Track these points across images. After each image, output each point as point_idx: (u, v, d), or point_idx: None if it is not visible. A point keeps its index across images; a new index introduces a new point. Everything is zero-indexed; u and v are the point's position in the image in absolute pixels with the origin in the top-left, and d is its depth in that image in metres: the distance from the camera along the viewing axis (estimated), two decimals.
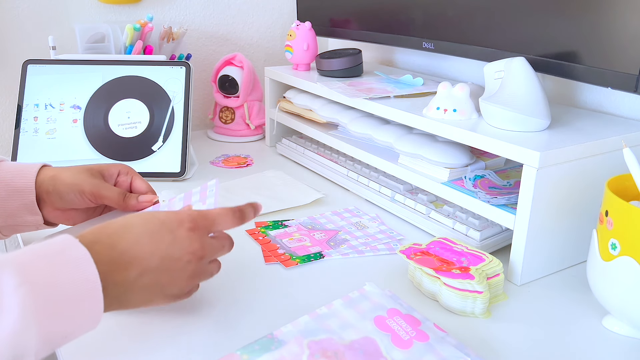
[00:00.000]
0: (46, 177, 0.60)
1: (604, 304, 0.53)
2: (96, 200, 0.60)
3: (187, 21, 1.19)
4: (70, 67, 0.94)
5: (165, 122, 0.92)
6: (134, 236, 0.46)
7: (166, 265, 0.47)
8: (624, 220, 0.48)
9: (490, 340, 0.53)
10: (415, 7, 0.92)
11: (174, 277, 0.48)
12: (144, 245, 0.46)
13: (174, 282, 0.48)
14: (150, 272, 0.46)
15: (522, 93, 0.66)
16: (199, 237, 0.49)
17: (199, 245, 0.49)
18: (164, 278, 0.47)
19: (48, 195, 0.59)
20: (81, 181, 0.59)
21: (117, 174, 0.63)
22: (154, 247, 0.46)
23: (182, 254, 0.48)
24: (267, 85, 1.08)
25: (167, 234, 0.47)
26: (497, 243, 0.68)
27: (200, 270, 0.50)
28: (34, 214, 0.60)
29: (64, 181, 0.59)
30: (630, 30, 0.61)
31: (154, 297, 0.48)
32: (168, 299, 0.49)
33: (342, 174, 0.89)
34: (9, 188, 0.59)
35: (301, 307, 0.56)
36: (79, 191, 0.59)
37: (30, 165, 0.61)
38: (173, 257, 0.47)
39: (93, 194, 0.59)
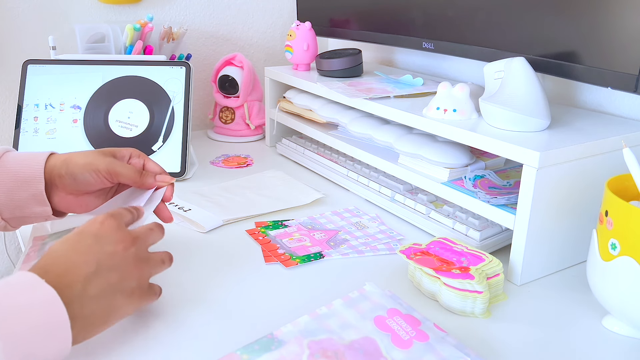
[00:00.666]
0: (57, 162, 0.59)
1: (604, 304, 0.53)
2: (112, 178, 0.59)
3: (187, 21, 1.19)
4: (70, 67, 0.94)
5: (165, 122, 0.92)
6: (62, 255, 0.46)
7: (106, 264, 0.46)
8: (624, 220, 0.49)
9: (490, 340, 0.53)
10: (415, 7, 0.92)
11: (121, 271, 0.47)
12: (75, 257, 0.46)
13: (124, 276, 0.47)
14: (94, 278, 0.45)
15: (522, 93, 0.66)
16: (118, 225, 0.49)
17: (123, 232, 0.49)
18: (111, 276, 0.46)
19: (61, 179, 0.58)
20: (95, 160, 0.58)
21: (128, 156, 0.63)
22: (84, 254, 0.46)
23: (113, 244, 0.47)
24: (267, 85, 1.08)
25: (89, 237, 0.47)
26: (497, 243, 0.68)
27: (143, 256, 0.50)
28: (43, 204, 0.59)
29: (77, 162, 0.58)
30: (630, 30, 0.61)
31: (114, 301, 0.46)
32: (131, 299, 0.48)
33: (342, 174, 0.89)
34: (17, 178, 0.58)
35: (301, 307, 0.56)
36: (94, 170, 0.58)
37: (37, 153, 0.60)
38: (107, 252, 0.47)
39: (109, 171, 0.58)
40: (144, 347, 0.50)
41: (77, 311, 0.43)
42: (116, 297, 0.47)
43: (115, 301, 0.46)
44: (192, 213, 0.75)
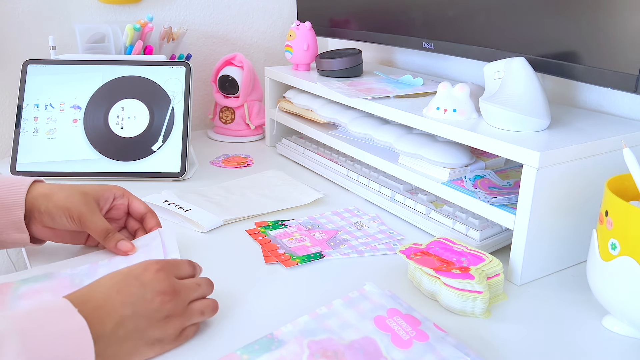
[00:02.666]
0: (39, 195, 0.59)
1: (604, 304, 0.53)
2: (82, 228, 0.60)
3: (187, 21, 1.19)
4: (70, 67, 0.94)
5: (165, 122, 0.92)
6: (103, 291, 0.46)
7: (140, 311, 0.46)
8: (624, 220, 0.48)
9: (490, 340, 0.53)
10: (415, 7, 0.92)
11: (151, 320, 0.47)
12: (114, 296, 0.46)
13: (153, 325, 0.47)
14: (127, 321, 0.45)
15: (522, 93, 0.66)
16: (166, 276, 0.49)
17: (168, 284, 0.48)
18: (141, 323, 0.46)
19: (39, 214, 0.59)
20: (72, 205, 0.59)
21: (112, 198, 0.64)
22: (123, 296, 0.46)
23: (153, 295, 0.47)
24: (267, 85, 1.08)
25: (134, 281, 0.47)
26: (497, 243, 0.68)
27: (179, 310, 0.49)
28: (21, 231, 0.59)
29: (56, 203, 0.59)
30: (630, 30, 0.61)
31: (136, 347, 0.46)
32: (153, 346, 0.47)
33: (342, 174, 0.89)
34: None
35: (301, 307, 0.56)
36: (69, 215, 0.59)
37: (21, 179, 0.60)
38: (145, 300, 0.47)
39: (80, 222, 0.60)
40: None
41: (102, 349, 0.43)
42: (139, 343, 0.46)
43: (137, 347, 0.46)
44: (192, 213, 0.75)
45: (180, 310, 0.49)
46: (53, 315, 0.42)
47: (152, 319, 0.47)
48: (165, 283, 0.48)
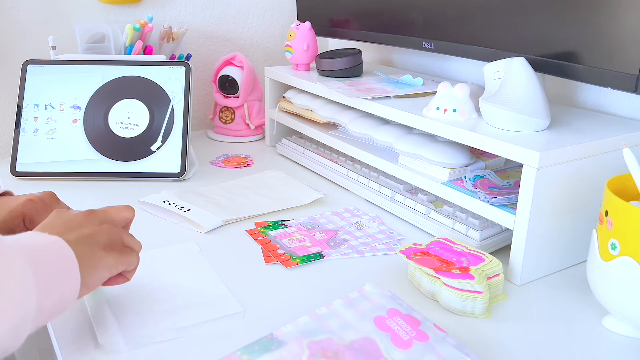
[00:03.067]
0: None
1: (603, 304, 0.53)
2: None
3: (187, 21, 1.19)
4: (70, 67, 0.94)
5: (165, 122, 0.92)
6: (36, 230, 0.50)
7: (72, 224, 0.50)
8: (624, 220, 0.48)
9: (490, 340, 0.53)
10: (415, 7, 0.92)
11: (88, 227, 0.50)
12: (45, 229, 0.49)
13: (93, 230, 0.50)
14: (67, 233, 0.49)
15: (522, 93, 0.66)
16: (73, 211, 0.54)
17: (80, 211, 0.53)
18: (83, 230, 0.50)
19: None
20: None
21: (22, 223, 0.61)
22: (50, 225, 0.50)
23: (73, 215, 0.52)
24: (267, 85, 1.08)
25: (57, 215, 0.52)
26: (497, 243, 0.68)
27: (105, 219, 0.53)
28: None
29: None
30: (630, 30, 0.61)
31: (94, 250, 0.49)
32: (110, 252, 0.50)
33: (342, 174, 0.89)
34: None
35: (301, 307, 0.56)
36: None
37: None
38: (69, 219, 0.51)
39: None
40: (144, 349, 0.50)
41: None
42: (94, 247, 0.49)
43: (95, 250, 0.49)
44: (191, 213, 0.75)
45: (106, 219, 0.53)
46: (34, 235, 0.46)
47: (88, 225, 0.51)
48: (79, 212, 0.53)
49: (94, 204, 0.79)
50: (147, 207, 0.79)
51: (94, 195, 0.84)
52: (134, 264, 0.53)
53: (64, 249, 0.46)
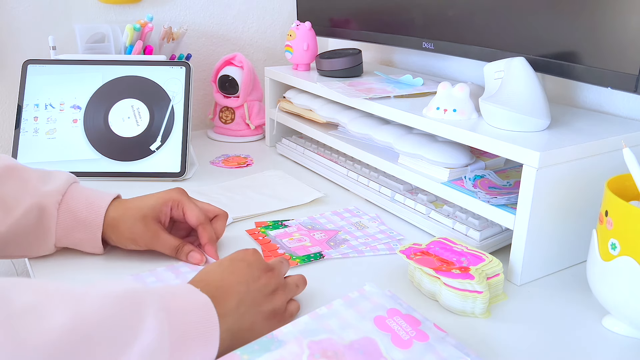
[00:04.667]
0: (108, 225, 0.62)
1: (604, 304, 0.53)
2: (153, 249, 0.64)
3: (187, 21, 1.19)
4: (70, 67, 0.94)
5: (165, 122, 0.92)
6: (219, 274, 0.51)
7: (253, 287, 0.51)
8: (624, 220, 0.48)
9: (490, 340, 0.53)
10: (415, 7, 0.92)
11: (263, 294, 0.51)
12: (229, 277, 0.51)
13: (265, 299, 0.51)
14: (245, 297, 0.50)
15: (522, 93, 0.66)
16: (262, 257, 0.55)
17: (267, 262, 0.55)
18: (257, 298, 0.51)
19: (109, 239, 0.63)
20: (136, 236, 0.63)
21: (169, 210, 0.65)
22: (237, 276, 0.51)
23: (260, 272, 0.52)
24: (267, 85, 1.08)
25: (241, 263, 0.53)
26: (497, 243, 0.68)
27: (281, 284, 0.54)
28: (96, 247, 0.64)
29: (122, 234, 0.63)
30: (630, 30, 0.61)
31: (256, 321, 0.50)
32: (269, 321, 0.51)
33: (342, 174, 0.89)
34: (77, 219, 0.62)
35: (301, 308, 0.56)
36: (137, 244, 0.63)
37: (101, 196, 0.63)
38: (254, 277, 0.52)
39: (148, 246, 0.63)
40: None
41: (229, 324, 0.47)
42: (257, 318, 0.50)
43: (256, 321, 0.50)
44: None
45: (281, 283, 0.54)
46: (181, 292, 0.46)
47: (263, 293, 0.51)
48: (265, 262, 0.54)
49: None
50: None
51: None
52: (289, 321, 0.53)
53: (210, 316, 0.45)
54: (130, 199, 0.66)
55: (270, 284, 0.52)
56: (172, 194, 0.65)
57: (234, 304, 0.49)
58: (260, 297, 0.51)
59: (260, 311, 0.51)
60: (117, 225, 0.62)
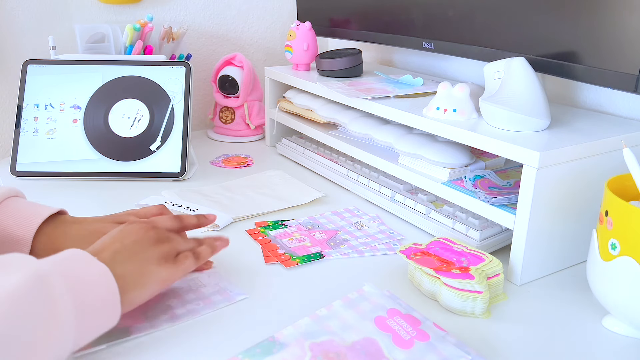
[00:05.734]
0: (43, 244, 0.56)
1: (604, 304, 0.53)
2: None
3: (187, 21, 1.19)
4: (70, 67, 0.94)
5: (164, 122, 0.92)
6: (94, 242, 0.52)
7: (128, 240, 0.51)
8: (624, 220, 0.49)
9: (490, 340, 0.53)
10: (415, 7, 0.92)
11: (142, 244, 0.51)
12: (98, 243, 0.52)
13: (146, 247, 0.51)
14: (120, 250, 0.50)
15: (522, 93, 0.66)
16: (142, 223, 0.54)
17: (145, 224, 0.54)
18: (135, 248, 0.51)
19: None
20: None
21: None
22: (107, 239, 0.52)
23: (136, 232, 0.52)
24: (267, 85, 1.08)
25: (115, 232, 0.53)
26: (497, 243, 0.68)
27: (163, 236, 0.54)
28: None
29: None
30: (630, 30, 0.61)
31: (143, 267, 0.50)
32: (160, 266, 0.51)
33: (342, 174, 0.89)
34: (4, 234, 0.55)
35: (301, 308, 0.56)
36: None
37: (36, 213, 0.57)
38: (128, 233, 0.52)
39: None
40: (144, 350, 0.50)
41: None
42: (143, 263, 0.50)
43: (142, 266, 0.50)
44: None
45: (163, 235, 0.54)
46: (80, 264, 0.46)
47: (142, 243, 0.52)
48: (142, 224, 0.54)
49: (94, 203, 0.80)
50: None
51: (94, 196, 0.84)
52: (190, 268, 0.54)
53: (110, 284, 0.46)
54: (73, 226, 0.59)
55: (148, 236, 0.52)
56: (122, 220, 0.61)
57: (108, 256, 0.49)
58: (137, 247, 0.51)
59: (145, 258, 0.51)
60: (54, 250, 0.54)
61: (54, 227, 0.57)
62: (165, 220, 0.57)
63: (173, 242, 0.54)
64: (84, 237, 0.57)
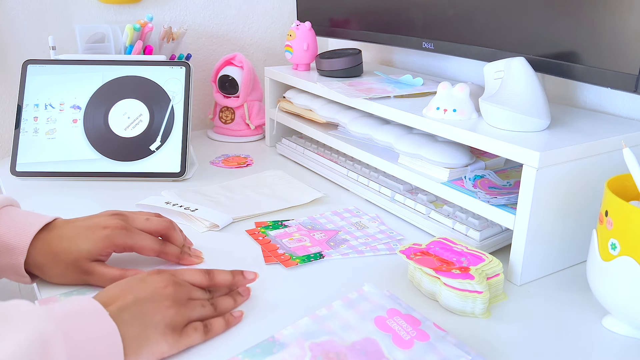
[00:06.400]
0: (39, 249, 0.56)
1: (604, 304, 0.53)
2: None
3: (187, 21, 1.19)
4: (70, 67, 0.94)
5: (164, 122, 0.92)
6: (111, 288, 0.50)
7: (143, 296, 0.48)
8: (624, 220, 0.49)
9: (490, 340, 0.53)
10: (415, 7, 0.92)
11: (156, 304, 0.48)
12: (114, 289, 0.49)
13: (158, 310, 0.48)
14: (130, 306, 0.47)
15: (522, 93, 0.66)
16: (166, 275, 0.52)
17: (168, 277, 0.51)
18: (146, 307, 0.48)
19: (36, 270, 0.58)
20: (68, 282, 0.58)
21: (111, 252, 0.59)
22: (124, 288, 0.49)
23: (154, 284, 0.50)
24: (267, 85, 1.08)
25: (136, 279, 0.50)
26: (497, 243, 0.68)
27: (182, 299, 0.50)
28: (21, 275, 0.57)
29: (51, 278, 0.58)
30: (630, 30, 0.61)
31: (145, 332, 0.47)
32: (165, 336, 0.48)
33: (342, 174, 0.89)
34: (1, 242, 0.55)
35: (302, 308, 0.56)
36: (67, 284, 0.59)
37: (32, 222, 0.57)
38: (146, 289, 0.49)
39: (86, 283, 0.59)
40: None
41: None
42: (148, 329, 0.47)
43: (146, 332, 0.47)
44: (200, 212, 0.75)
45: (182, 297, 0.50)
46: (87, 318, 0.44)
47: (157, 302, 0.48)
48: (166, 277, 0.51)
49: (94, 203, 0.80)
50: (146, 210, 0.79)
51: (94, 195, 0.84)
52: (194, 343, 0.50)
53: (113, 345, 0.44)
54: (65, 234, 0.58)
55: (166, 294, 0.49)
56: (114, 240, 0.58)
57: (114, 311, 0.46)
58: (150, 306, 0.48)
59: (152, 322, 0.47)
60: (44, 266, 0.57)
61: (47, 232, 0.57)
62: (192, 275, 0.54)
63: (189, 307, 0.50)
64: (78, 235, 0.57)
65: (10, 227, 0.56)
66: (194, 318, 0.51)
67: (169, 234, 0.63)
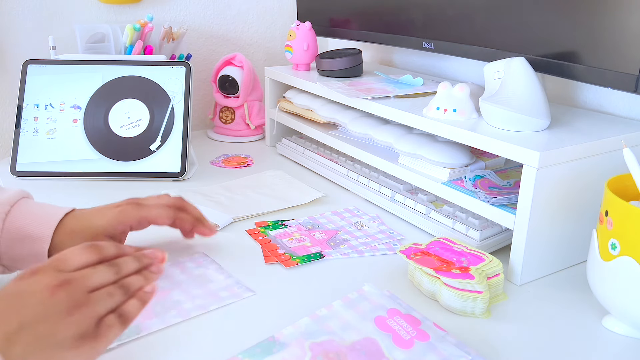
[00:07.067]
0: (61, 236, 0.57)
1: (604, 304, 0.53)
2: None
3: (187, 21, 1.19)
4: (70, 67, 0.94)
5: (164, 122, 0.92)
6: None
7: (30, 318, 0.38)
8: (624, 220, 0.49)
9: (490, 340, 0.53)
10: (415, 7, 0.92)
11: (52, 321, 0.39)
12: None
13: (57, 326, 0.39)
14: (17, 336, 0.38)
15: (522, 93, 0.66)
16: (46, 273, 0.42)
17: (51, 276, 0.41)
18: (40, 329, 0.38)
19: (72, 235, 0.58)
20: None
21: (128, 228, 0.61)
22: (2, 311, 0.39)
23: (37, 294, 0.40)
24: (267, 85, 1.08)
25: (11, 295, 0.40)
26: (497, 243, 0.68)
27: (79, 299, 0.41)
28: None
29: None
30: (630, 30, 0.61)
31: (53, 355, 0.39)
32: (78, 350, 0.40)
33: (342, 174, 0.89)
34: (21, 233, 0.56)
35: (302, 308, 0.56)
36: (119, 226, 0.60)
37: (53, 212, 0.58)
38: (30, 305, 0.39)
39: None
40: (143, 351, 0.50)
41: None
42: (54, 352, 0.39)
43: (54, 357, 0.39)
44: None
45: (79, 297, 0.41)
46: None
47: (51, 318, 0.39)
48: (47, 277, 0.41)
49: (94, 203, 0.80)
50: None
51: (94, 195, 0.84)
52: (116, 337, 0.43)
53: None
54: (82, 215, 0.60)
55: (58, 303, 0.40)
56: (128, 214, 0.59)
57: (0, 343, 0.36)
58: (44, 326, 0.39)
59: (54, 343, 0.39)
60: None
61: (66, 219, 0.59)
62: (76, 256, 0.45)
63: (92, 303, 0.42)
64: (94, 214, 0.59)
65: (32, 218, 0.57)
66: (103, 313, 0.42)
67: (182, 205, 0.65)
